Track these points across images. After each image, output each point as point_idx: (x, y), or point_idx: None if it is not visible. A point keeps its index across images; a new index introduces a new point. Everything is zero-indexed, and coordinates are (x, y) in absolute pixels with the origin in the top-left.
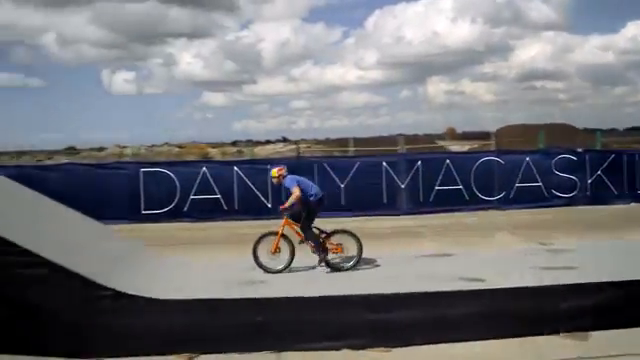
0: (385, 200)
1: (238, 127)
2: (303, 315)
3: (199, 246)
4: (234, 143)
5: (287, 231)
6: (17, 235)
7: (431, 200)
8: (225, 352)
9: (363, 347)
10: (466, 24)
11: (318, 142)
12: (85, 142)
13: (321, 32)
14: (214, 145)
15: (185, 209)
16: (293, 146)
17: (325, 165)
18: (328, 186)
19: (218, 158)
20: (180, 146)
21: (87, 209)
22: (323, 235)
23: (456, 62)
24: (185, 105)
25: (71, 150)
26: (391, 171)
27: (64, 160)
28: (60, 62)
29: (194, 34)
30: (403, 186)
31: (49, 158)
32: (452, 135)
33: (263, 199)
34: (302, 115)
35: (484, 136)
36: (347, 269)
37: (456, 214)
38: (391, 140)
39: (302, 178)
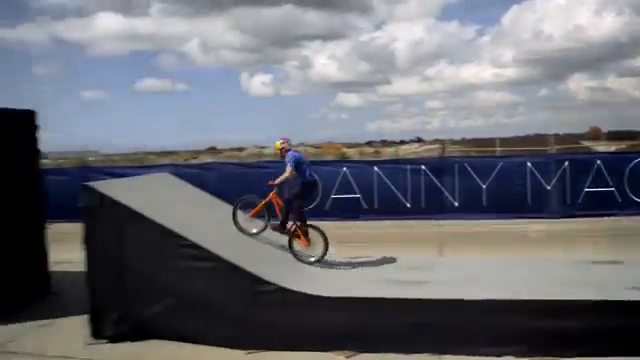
0: (530, 202)
1: (372, 127)
2: (465, 318)
3: (345, 244)
4: (369, 143)
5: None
6: (185, 229)
7: (579, 202)
8: (384, 352)
9: (527, 355)
10: (611, 16)
11: (454, 142)
12: (225, 142)
13: (455, 30)
14: (349, 145)
15: (326, 208)
16: (429, 146)
17: (466, 165)
18: (469, 186)
19: (356, 158)
20: (316, 146)
21: None
22: (298, 224)
23: (600, 57)
24: (320, 106)
25: (213, 150)
26: (536, 172)
27: (208, 159)
28: (203, 67)
29: (328, 36)
30: (549, 187)
31: (194, 157)
32: (597, 135)
33: (402, 199)
34: (436, 115)
35: (634, 135)
36: (308, 264)
37: (607, 218)
38: (533, 140)
39: (302, 157)
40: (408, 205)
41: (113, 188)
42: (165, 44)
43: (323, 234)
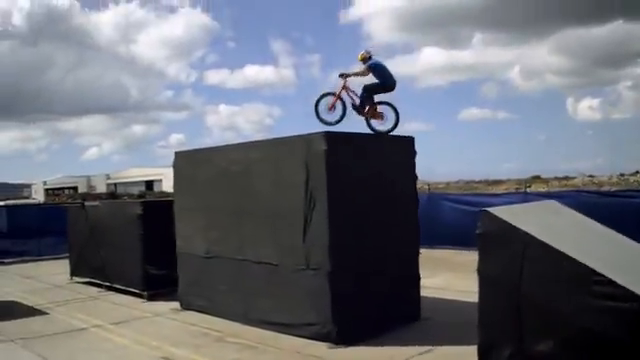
0: None
1: None
2: None
3: None
4: None
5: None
6: (594, 261)
7: None
8: None
9: None
10: None
11: None
12: (548, 171)
13: None
14: None
15: None
16: None
17: None
18: None
19: None
20: None
21: None
22: (373, 106)
23: None
24: None
25: (537, 179)
26: None
27: (541, 189)
28: (524, 94)
29: None
30: None
31: (528, 186)
32: None
33: None
34: None
35: None
36: (383, 132)
37: None
38: None
39: (381, 64)
40: None
41: (510, 214)
42: (486, 73)
43: (395, 109)
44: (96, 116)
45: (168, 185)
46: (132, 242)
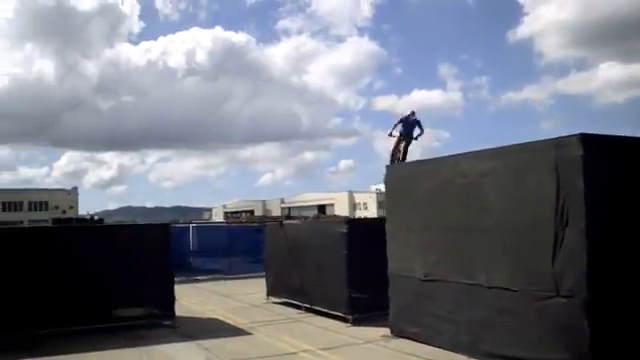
0: None
1: None
2: None
3: None
4: None
5: None
6: None
7: None
8: None
9: None
10: None
11: None
12: None
13: None
14: None
15: None
16: None
17: None
18: None
19: None
20: None
21: None
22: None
23: None
24: None
25: None
26: None
27: None
28: None
29: None
30: None
31: None
32: None
33: None
34: None
35: None
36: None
37: None
38: None
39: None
40: None
41: None
42: None
43: None
44: (270, 144)
45: (339, 209)
46: (335, 263)
